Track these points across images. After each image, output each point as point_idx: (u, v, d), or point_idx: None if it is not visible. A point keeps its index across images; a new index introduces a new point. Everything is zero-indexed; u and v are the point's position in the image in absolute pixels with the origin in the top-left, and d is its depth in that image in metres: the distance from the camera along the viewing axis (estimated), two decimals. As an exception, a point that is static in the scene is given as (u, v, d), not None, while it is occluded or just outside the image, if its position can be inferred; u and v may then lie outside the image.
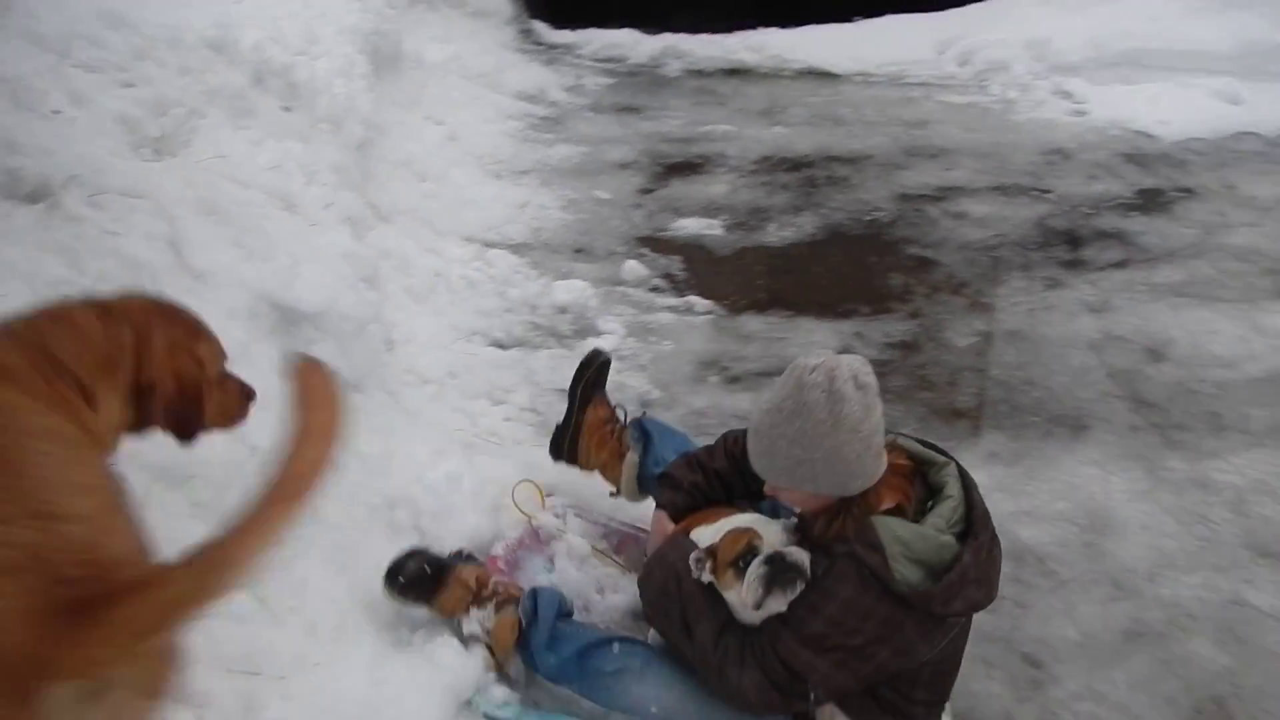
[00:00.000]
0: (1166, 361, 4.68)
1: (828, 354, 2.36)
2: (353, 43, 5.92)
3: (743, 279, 5.47)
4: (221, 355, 2.11)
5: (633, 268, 5.40)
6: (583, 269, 5.41)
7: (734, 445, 2.84)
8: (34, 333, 1.80)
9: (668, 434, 3.26)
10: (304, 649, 2.45)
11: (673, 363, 4.66)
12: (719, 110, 7.93)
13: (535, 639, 2.59)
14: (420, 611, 2.77)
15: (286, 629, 2.48)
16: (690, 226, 5.99)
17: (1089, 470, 3.97)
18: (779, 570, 2.34)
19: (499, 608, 2.66)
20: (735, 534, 2.47)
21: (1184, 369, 4.62)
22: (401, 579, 2.69)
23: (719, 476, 2.85)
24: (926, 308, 5.16)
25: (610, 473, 3.26)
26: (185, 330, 2.03)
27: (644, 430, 3.22)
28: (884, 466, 2.40)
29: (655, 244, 5.78)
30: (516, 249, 5.53)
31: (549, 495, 3.22)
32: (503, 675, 2.70)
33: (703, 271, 5.52)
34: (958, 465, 2.50)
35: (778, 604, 2.34)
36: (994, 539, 2.41)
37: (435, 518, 3.06)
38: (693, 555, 2.47)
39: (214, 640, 2.26)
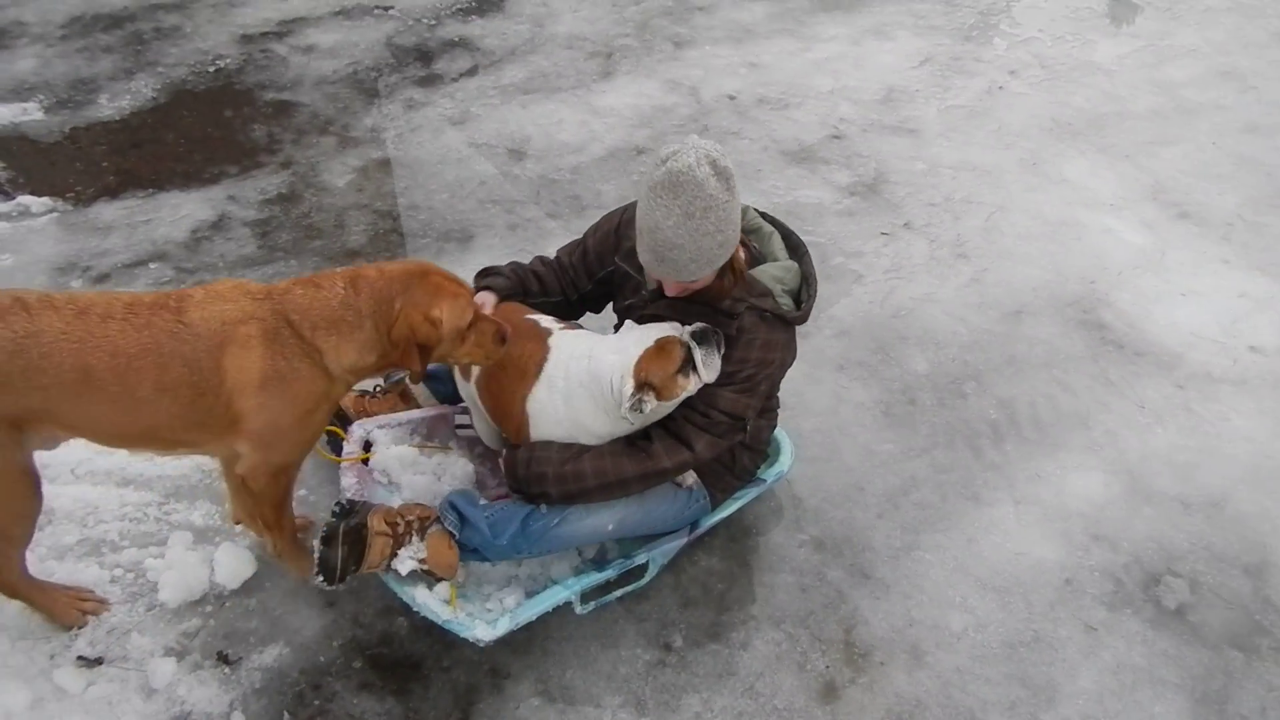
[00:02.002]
0: (528, 158, 5.02)
1: (678, 147, 2.47)
2: None
3: (83, 164, 4.81)
4: (466, 309, 2.60)
5: (-64, 179, 4.50)
6: None
7: (545, 262, 3.09)
8: (284, 294, 2.51)
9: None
10: None
11: (20, 278, 4.03)
12: (0, -32, 6.67)
13: (476, 538, 2.72)
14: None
15: None
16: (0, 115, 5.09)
17: (482, 276, 4.19)
18: (710, 338, 2.61)
19: (421, 535, 2.70)
20: (660, 350, 2.59)
21: (543, 162, 4.99)
22: (338, 570, 2.63)
23: (536, 275, 3.05)
24: (297, 154, 4.97)
25: (403, 408, 3.29)
26: (426, 293, 2.55)
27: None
28: None
29: (-41, 144, 4.85)
30: None
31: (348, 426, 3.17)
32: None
33: (30, 165, 4.76)
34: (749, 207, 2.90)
35: (718, 365, 2.63)
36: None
37: None
38: (625, 405, 2.57)
39: None
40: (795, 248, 2.88)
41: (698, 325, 2.63)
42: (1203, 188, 5.05)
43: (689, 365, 2.60)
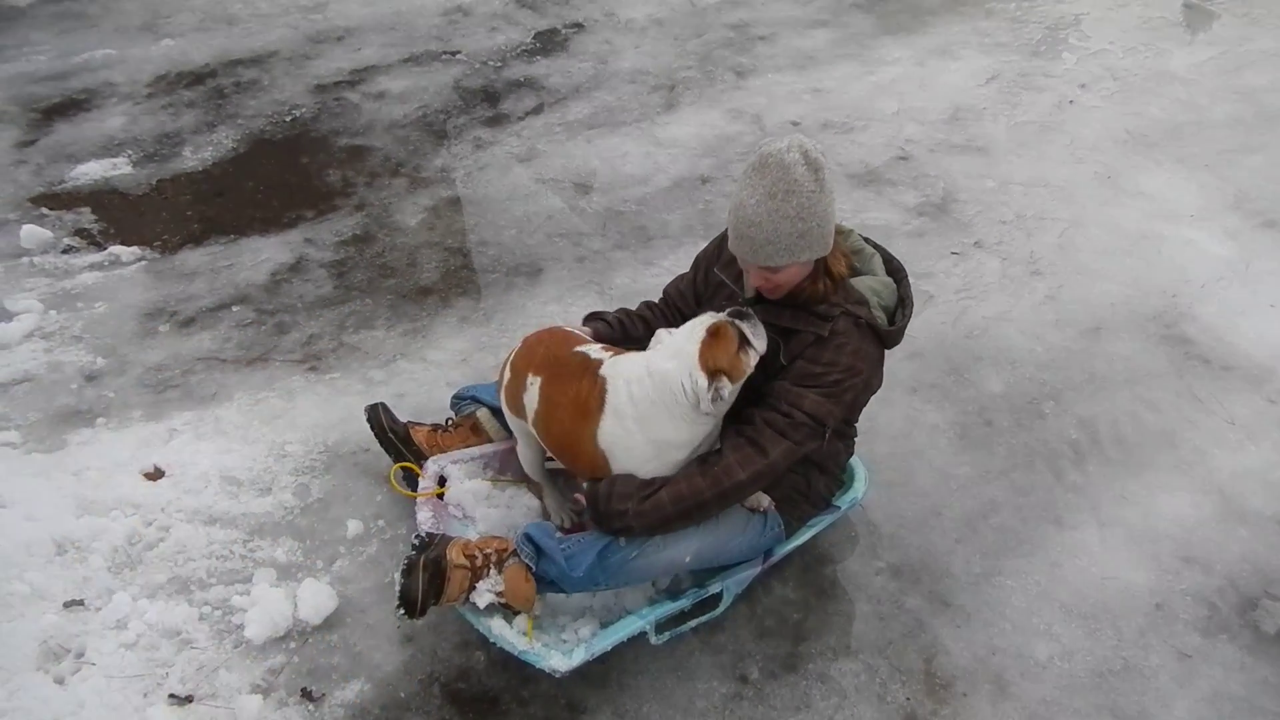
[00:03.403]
0: (594, 192, 5.07)
1: (777, 137, 2.56)
2: None
3: (169, 214, 5.00)
4: None
5: (33, 233, 4.70)
6: (-33, 249, 4.63)
7: (650, 305, 3.17)
8: None
9: (482, 387, 3.42)
10: None
11: (112, 324, 4.19)
12: (92, 34, 6.99)
13: (553, 570, 2.72)
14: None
15: None
16: (92, 171, 5.31)
17: (551, 308, 4.25)
18: (746, 314, 2.64)
19: (499, 568, 2.72)
20: (715, 336, 2.60)
21: (609, 195, 5.04)
22: (418, 603, 2.65)
23: (641, 319, 3.13)
24: (370, 196, 5.10)
25: (475, 441, 3.33)
26: None
27: (466, 398, 3.40)
28: None
29: (54, 200, 5.06)
30: None
31: (422, 462, 3.24)
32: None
33: (120, 217, 4.96)
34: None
35: (764, 333, 2.67)
36: None
37: None
38: (707, 397, 2.57)
39: None
40: (895, 271, 2.90)
41: (730, 308, 2.68)
42: (1289, 195, 4.89)
43: (744, 341, 2.62)
